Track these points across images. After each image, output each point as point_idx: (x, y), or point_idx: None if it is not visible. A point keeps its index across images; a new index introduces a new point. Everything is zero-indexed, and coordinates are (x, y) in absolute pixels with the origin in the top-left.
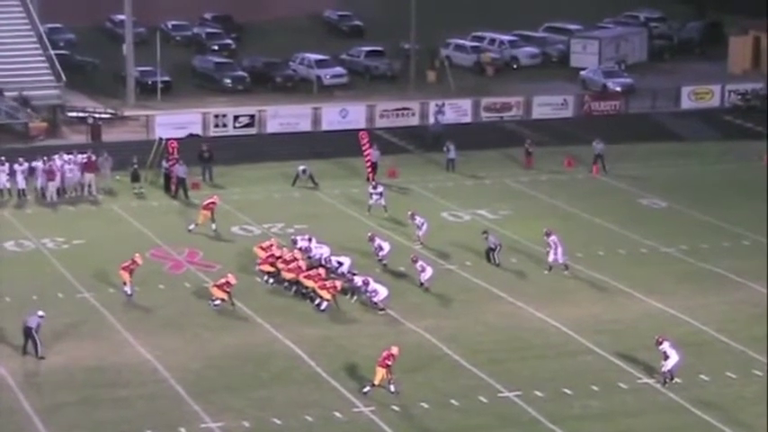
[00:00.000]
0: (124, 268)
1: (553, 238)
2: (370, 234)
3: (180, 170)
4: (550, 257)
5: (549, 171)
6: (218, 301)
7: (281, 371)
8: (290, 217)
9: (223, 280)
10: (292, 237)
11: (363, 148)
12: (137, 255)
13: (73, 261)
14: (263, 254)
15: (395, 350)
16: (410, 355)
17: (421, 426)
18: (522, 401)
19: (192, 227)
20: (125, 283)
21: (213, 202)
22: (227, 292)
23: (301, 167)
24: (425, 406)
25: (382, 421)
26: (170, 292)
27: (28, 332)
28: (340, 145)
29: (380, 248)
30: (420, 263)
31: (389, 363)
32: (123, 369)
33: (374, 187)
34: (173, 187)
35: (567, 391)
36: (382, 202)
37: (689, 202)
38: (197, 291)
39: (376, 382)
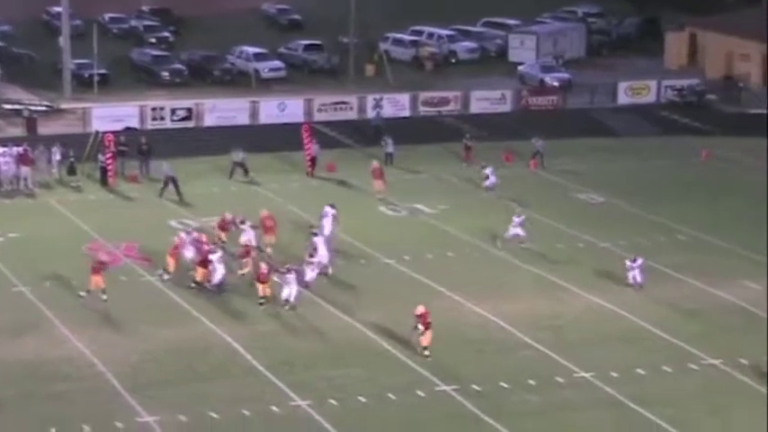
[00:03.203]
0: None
1: (521, 219)
2: (313, 231)
3: (167, 170)
4: (510, 233)
5: (488, 166)
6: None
7: (218, 365)
8: (227, 211)
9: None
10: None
11: (304, 142)
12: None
13: (9, 255)
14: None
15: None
16: (348, 350)
17: (359, 420)
18: (460, 396)
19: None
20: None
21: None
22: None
23: (235, 156)
24: (363, 400)
25: (320, 415)
26: (107, 286)
27: None
28: (278, 139)
29: (315, 249)
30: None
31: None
32: (61, 363)
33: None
34: (110, 180)
35: (505, 385)
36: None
37: (626, 197)
38: (134, 284)
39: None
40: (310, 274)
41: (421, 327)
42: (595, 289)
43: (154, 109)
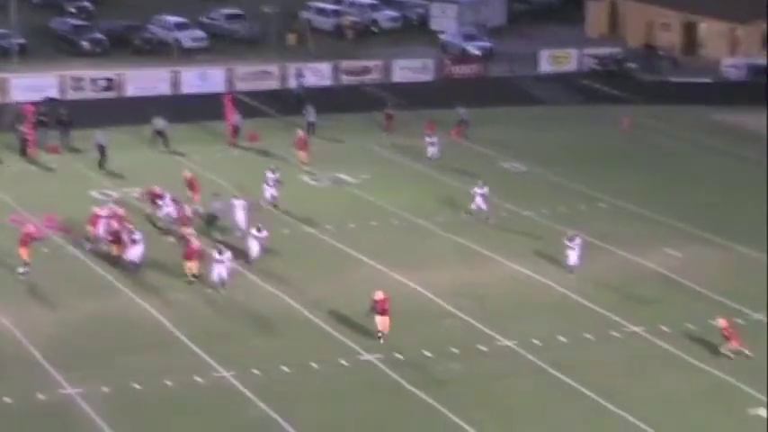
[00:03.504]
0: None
1: (484, 191)
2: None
3: (100, 138)
4: (475, 205)
5: (410, 135)
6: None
7: (141, 337)
8: (149, 181)
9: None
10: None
11: (227, 112)
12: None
13: None
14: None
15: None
16: (272, 320)
17: (282, 389)
18: (383, 365)
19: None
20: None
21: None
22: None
23: (155, 125)
24: (287, 370)
25: (243, 385)
26: (30, 257)
27: None
28: (200, 109)
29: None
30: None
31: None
32: None
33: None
34: (30, 151)
35: (428, 354)
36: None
37: (548, 166)
38: (56, 256)
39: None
40: (254, 249)
41: (376, 313)
42: (518, 257)
43: (74, 79)
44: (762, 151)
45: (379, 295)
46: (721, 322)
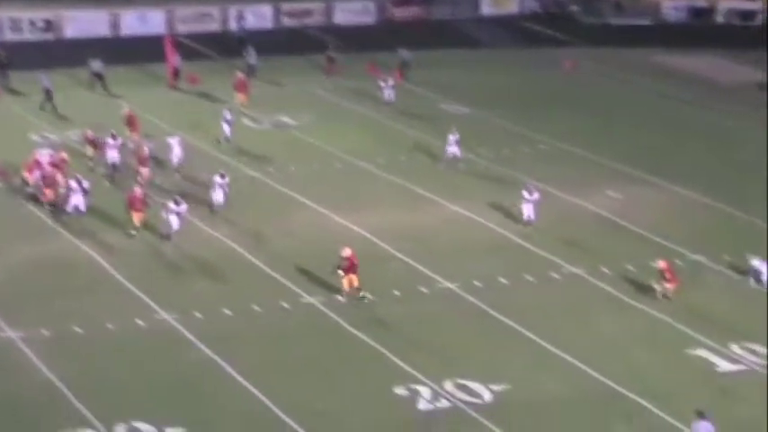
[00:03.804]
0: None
1: (457, 137)
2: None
3: (44, 80)
4: (448, 152)
5: (352, 77)
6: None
7: (82, 280)
8: (89, 124)
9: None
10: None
11: (167, 54)
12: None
13: None
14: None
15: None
16: (213, 263)
17: (223, 332)
18: (324, 307)
19: None
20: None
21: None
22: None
23: (93, 67)
24: (229, 313)
25: (185, 328)
26: None
27: None
28: (140, 51)
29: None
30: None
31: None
32: None
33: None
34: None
35: (369, 296)
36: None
37: (491, 108)
38: None
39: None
40: (217, 196)
41: (342, 271)
42: (458, 199)
43: (12, 20)
44: (701, 93)
45: (346, 252)
46: (661, 264)
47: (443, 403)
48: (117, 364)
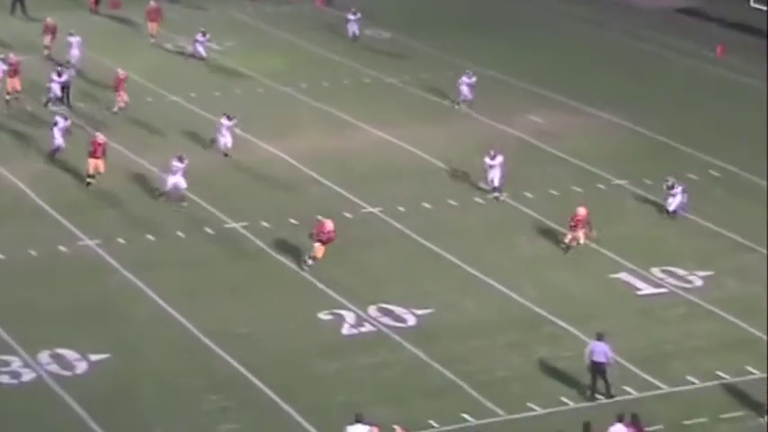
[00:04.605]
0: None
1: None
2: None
3: None
4: (462, 96)
5: (274, 2)
6: None
7: (3, 205)
8: (13, 48)
9: None
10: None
11: None
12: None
13: None
14: None
15: None
16: (135, 189)
17: (146, 258)
18: (248, 232)
19: None
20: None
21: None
22: None
23: None
24: (151, 238)
25: (107, 254)
26: None
27: None
28: None
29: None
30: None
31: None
32: None
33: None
34: None
35: (293, 221)
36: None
37: (413, 33)
38: None
39: None
40: (224, 140)
41: (320, 241)
42: (381, 124)
43: None
44: (624, 18)
45: (329, 225)
46: (580, 212)
47: (367, 327)
48: (40, 289)
